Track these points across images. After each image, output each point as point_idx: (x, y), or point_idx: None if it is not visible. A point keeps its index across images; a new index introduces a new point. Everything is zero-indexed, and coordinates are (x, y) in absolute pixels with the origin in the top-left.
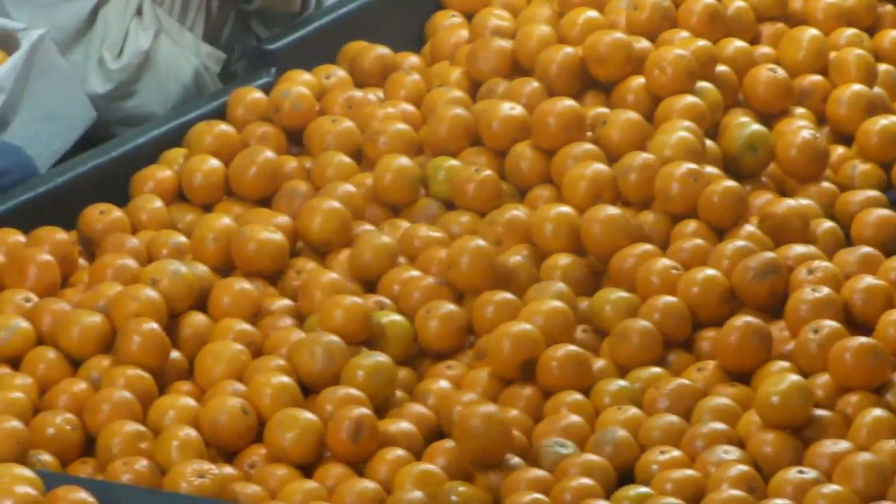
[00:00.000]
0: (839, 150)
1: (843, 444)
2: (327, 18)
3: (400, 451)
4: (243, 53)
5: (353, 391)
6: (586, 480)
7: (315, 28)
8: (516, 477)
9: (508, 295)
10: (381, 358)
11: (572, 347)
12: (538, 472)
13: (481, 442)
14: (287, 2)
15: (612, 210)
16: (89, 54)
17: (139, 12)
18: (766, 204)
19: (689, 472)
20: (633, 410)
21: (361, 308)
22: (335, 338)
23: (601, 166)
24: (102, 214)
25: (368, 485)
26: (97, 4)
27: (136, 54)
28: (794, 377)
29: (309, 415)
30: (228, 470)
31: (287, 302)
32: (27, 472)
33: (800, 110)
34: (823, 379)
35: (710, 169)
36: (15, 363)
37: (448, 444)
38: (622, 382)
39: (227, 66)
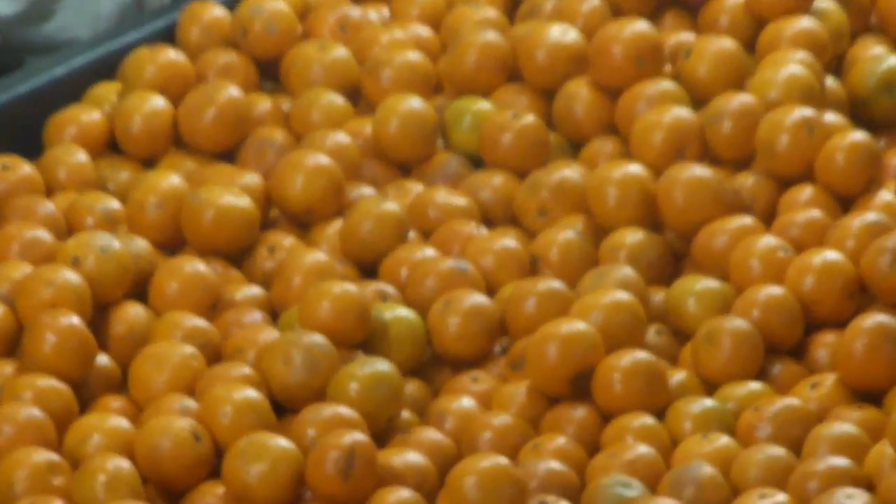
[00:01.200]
0: None
1: None
2: None
3: (406, 493)
4: None
5: (344, 410)
6: None
7: None
8: None
9: (556, 283)
10: (382, 366)
11: (642, 354)
12: None
13: None
14: None
15: (699, 170)
16: None
17: None
18: None
19: None
20: (724, 440)
21: (356, 299)
22: (320, 338)
23: (684, 112)
24: (5, 170)
25: None
26: None
27: None
28: None
29: (283, 442)
30: None
31: (256, 290)
32: None
33: None
34: None
35: (831, 116)
36: None
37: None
38: (709, 402)
39: None
